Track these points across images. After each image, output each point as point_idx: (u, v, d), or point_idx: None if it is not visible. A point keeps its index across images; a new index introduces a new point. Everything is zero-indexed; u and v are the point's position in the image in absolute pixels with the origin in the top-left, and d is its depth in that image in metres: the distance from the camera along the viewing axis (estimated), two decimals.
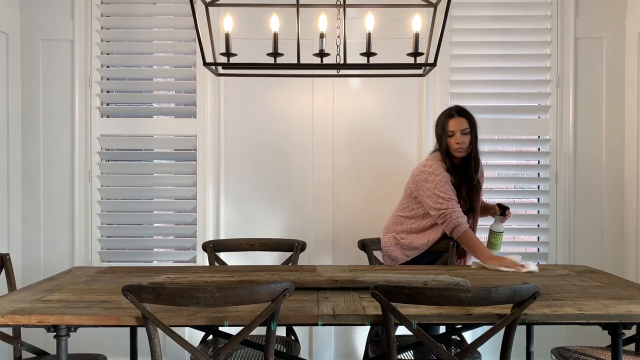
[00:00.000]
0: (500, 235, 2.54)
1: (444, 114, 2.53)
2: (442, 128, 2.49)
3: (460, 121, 2.46)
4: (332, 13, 2.01)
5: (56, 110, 3.07)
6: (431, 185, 2.44)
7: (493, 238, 2.55)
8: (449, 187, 2.44)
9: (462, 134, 2.45)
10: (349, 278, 1.95)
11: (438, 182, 2.43)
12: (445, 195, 2.41)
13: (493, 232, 2.55)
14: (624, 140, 3.07)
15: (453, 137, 2.46)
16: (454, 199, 2.43)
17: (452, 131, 2.46)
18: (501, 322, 1.56)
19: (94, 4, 3.05)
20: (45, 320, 1.60)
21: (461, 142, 2.44)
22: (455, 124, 2.46)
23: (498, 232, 2.54)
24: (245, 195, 3.10)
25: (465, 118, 2.47)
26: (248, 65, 2.04)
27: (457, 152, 2.47)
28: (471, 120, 2.49)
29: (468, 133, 2.46)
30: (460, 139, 2.44)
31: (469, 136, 2.46)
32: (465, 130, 2.45)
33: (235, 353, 2.12)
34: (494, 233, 2.55)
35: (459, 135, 2.45)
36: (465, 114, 2.49)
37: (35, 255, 3.07)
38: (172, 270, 2.38)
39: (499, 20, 3.08)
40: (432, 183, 2.44)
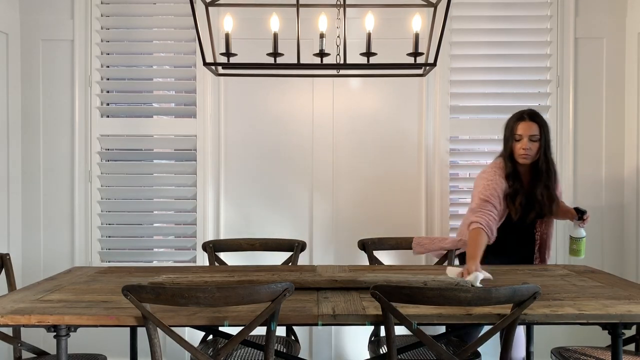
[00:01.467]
0: (582, 241, 2.39)
1: (515, 116, 2.39)
2: (510, 130, 2.36)
3: (530, 126, 2.31)
4: (332, 13, 2.01)
5: (56, 110, 3.07)
6: (480, 189, 2.34)
7: (574, 244, 2.41)
8: (495, 193, 2.30)
9: (530, 140, 2.31)
10: (349, 278, 1.95)
11: (486, 186, 2.33)
12: (487, 199, 2.29)
13: (573, 238, 2.41)
14: (624, 140, 3.07)
15: (520, 142, 2.33)
16: (493, 204, 2.28)
17: (520, 135, 2.33)
18: (501, 322, 1.56)
19: (94, 4, 3.05)
20: (45, 320, 1.60)
21: (527, 149, 2.30)
22: (524, 128, 2.32)
23: (579, 238, 2.39)
24: (245, 195, 3.10)
25: (536, 123, 2.32)
26: (248, 65, 2.04)
27: (522, 158, 2.33)
28: (543, 126, 2.34)
29: (537, 140, 2.31)
30: (527, 144, 2.30)
31: (538, 143, 2.32)
32: (535, 136, 2.31)
33: (235, 353, 2.12)
34: (574, 239, 2.41)
35: (526, 141, 2.31)
36: (538, 119, 2.34)
37: (35, 255, 3.07)
38: (172, 270, 2.38)
39: (499, 20, 3.08)
40: (481, 187, 2.34)
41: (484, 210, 2.27)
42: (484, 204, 2.29)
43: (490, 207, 2.28)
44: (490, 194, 2.30)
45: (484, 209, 2.27)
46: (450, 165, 3.09)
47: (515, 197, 2.34)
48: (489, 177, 2.36)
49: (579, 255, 2.41)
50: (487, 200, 2.29)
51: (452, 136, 3.10)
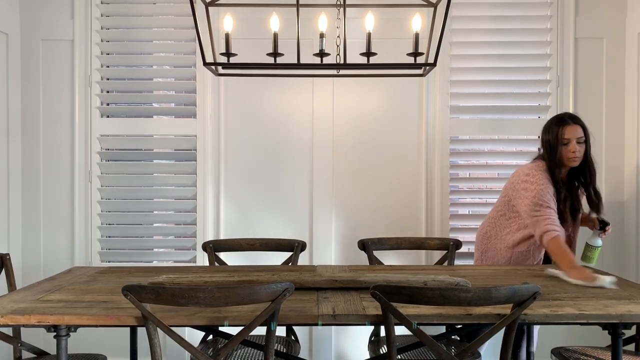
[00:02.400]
0: (598, 250, 2.42)
1: (557, 120, 2.39)
2: (556, 136, 2.35)
3: (576, 129, 2.34)
4: (332, 13, 2.01)
5: (56, 110, 3.07)
6: (531, 195, 2.30)
7: (589, 251, 2.42)
8: (550, 197, 2.30)
9: (578, 143, 2.33)
10: (349, 278, 1.95)
11: (539, 191, 2.29)
12: (545, 204, 2.28)
13: (590, 246, 2.42)
14: (624, 140, 3.07)
15: (568, 145, 2.33)
16: (553, 209, 2.28)
17: (568, 139, 2.33)
18: (501, 322, 1.56)
19: (94, 4, 3.05)
20: (45, 320, 1.60)
21: (577, 151, 2.33)
22: (571, 132, 2.33)
23: (595, 247, 2.41)
24: (245, 195, 3.10)
25: (580, 126, 2.36)
26: (248, 65, 2.04)
27: (572, 162, 2.35)
28: (585, 128, 2.38)
29: (584, 142, 2.35)
30: (576, 147, 2.33)
31: (585, 145, 2.36)
32: (581, 139, 2.34)
33: (235, 353, 2.12)
34: (591, 247, 2.42)
35: (574, 144, 2.33)
36: (580, 122, 2.38)
37: (35, 255, 3.07)
38: (172, 270, 2.38)
39: (499, 20, 3.08)
40: (532, 192, 2.30)
41: (550, 217, 2.26)
42: (546, 210, 2.27)
43: (551, 211, 2.28)
44: (548, 199, 2.29)
45: (549, 215, 2.27)
46: (450, 166, 3.09)
47: (567, 201, 2.35)
48: (539, 182, 2.31)
49: (591, 262, 2.41)
50: (549, 207, 2.28)
51: (452, 136, 3.10)
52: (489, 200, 3.17)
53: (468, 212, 3.17)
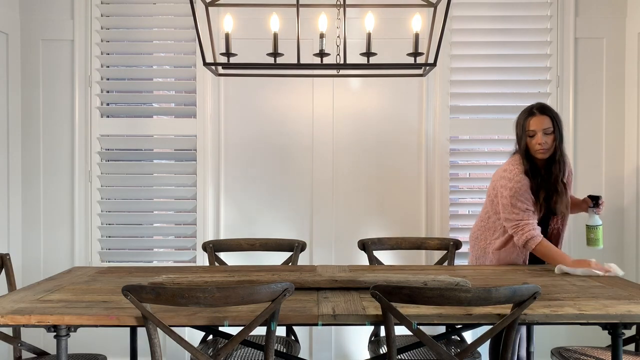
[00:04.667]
0: (599, 229, 2.31)
1: (524, 111, 2.34)
2: (522, 128, 2.31)
3: (542, 120, 2.27)
4: (332, 13, 2.01)
5: (56, 110, 3.07)
6: (508, 194, 2.27)
7: (592, 233, 2.32)
8: (528, 195, 2.27)
9: (545, 134, 2.27)
10: (349, 278, 1.95)
11: (517, 190, 2.26)
12: (522, 206, 2.25)
13: (590, 227, 2.32)
14: (624, 140, 3.07)
15: (534, 138, 2.28)
16: (531, 210, 2.27)
17: (533, 131, 2.27)
18: (501, 322, 1.56)
19: (94, 4, 3.05)
20: (45, 320, 1.60)
21: (543, 143, 2.26)
22: (536, 123, 2.27)
23: (595, 226, 2.31)
24: (245, 195, 3.10)
25: (548, 116, 2.28)
26: (248, 65, 2.04)
27: (539, 154, 2.28)
28: (555, 117, 2.30)
29: (551, 133, 2.28)
30: (543, 139, 2.26)
31: (552, 136, 2.28)
32: (548, 129, 2.27)
33: (235, 353, 2.12)
34: (591, 227, 2.32)
35: (540, 135, 2.26)
36: (549, 112, 2.30)
37: (35, 255, 3.07)
38: (172, 270, 2.38)
39: (499, 20, 3.08)
40: (509, 191, 2.27)
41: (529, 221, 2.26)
42: (527, 213, 2.26)
43: (530, 214, 2.27)
44: (525, 197, 2.27)
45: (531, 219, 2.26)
46: (450, 165, 3.09)
47: (539, 192, 2.30)
48: (515, 178, 2.28)
49: (598, 244, 2.31)
50: (527, 209, 2.27)
51: (452, 136, 3.10)
52: None
53: (468, 212, 3.16)
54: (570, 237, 3.00)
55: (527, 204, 2.26)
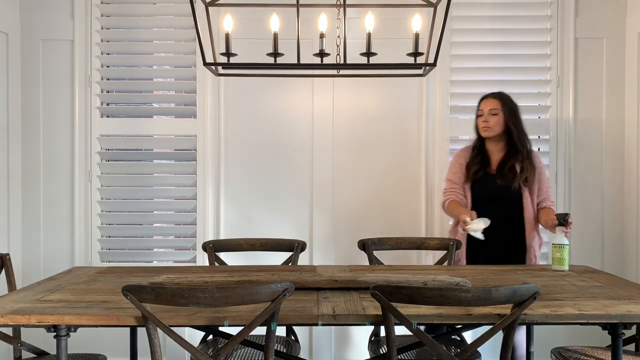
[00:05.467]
0: (566, 249, 2.26)
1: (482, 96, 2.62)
2: (476, 109, 2.60)
3: (491, 101, 2.53)
4: (332, 13, 2.01)
5: (56, 110, 3.07)
6: (448, 169, 2.67)
7: (558, 252, 2.28)
8: (455, 169, 2.60)
9: (490, 114, 2.51)
10: (349, 278, 1.95)
11: (450, 167, 2.66)
12: (450, 177, 2.63)
13: (557, 246, 2.28)
14: (624, 140, 3.07)
15: (481, 117, 2.55)
16: (453, 181, 2.59)
17: (481, 110, 2.55)
18: (501, 322, 1.56)
19: (94, 4, 3.05)
20: (45, 320, 1.60)
21: (488, 122, 2.51)
22: (485, 104, 2.55)
23: (562, 245, 2.26)
24: (245, 195, 3.10)
25: (497, 99, 2.53)
26: (248, 65, 2.04)
27: (483, 131, 2.55)
28: (504, 102, 2.52)
29: (496, 114, 2.50)
30: (487, 118, 2.51)
31: (497, 117, 2.50)
32: (494, 110, 2.51)
33: (235, 353, 2.12)
34: (557, 246, 2.28)
35: (486, 115, 2.52)
36: (498, 96, 2.54)
37: (35, 255, 3.07)
38: (172, 270, 2.38)
39: (499, 20, 3.08)
40: (449, 167, 2.68)
41: (448, 190, 2.61)
42: (448, 182, 2.64)
43: (451, 184, 2.61)
44: (452, 172, 2.63)
45: (450, 188, 2.61)
46: None
47: (471, 166, 2.57)
48: (453, 157, 2.69)
49: (564, 265, 2.27)
50: (449, 179, 2.64)
51: (452, 136, 3.10)
52: None
53: None
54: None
55: (454, 177, 2.61)
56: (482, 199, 2.52)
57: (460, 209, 2.44)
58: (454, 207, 2.50)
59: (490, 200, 2.51)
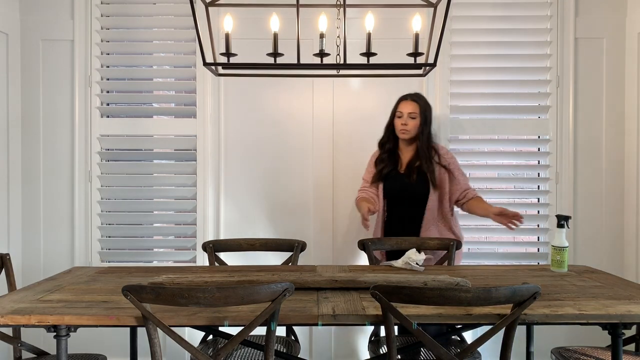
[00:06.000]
0: (566, 251, 2.25)
1: (400, 96, 2.66)
2: (394, 109, 2.65)
3: (410, 104, 2.59)
4: (332, 13, 2.01)
5: (56, 110, 3.07)
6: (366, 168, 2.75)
7: (558, 255, 2.26)
8: (370, 169, 2.70)
9: (410, 117, 2.57)
10: (349, 278, 1.95)
11: (368, 165, 2.75)
12: (365, 177, 2.73)
13: (556, 249, 2.27)
14: (624, 140, 3.07)
15: (400, 118, 2.60)
16: (367, 180, 2.68)
17: (401, 112, 2.60)
18: (501, 322, 1.57)
19: (94, 4, 3.05)
20: (45, 320, 1.60)
21: (407, 124, 2.57)
22: (404, 106, 2.60)
23: (562, 247, 2.25)
24: (245, 195, 3.10)
25: (416, 103, 2.59)
26: (248, 65, 2.04)
27: (401, 133, 2.60)
28: (423, 107, 2.59)
29: (415, 118, 2.57)
30: (406, 120, 2.57)
31: (415, 121, 2.57)
32: (413, 114, 2.57)
33: (235, 353, 2.12)
34: (557, 249, 2.26)
35: (405, 117, 2.58)
36: (419, 100, 2.60)
37: (35, 255, 3.07)
38: (172, 270, 2.38)
39: (499, 20, 3.08)
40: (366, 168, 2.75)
41: (362, 189, 2.70)
42: (363, 182, 2.72)
43: (365, 183, 2.70)
44: (367, 172, 2.73)
45: (363, 187, 2.70)
46: None
47: (380, 164, 2.66)
48: (371, 158, 2.76)
49: (563, 267, 2.26)
50: (364, 179, 2.73)
51: (452, 136, 3.10)
52: (489, 200, 3.16)
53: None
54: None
55: (367, 176, 2.70)
56: (391, 198, 2.64)
57: (362, 204, 2.52)
58: (359, 202, 2.59)
59: (398, 198, 2.63)
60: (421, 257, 2.25)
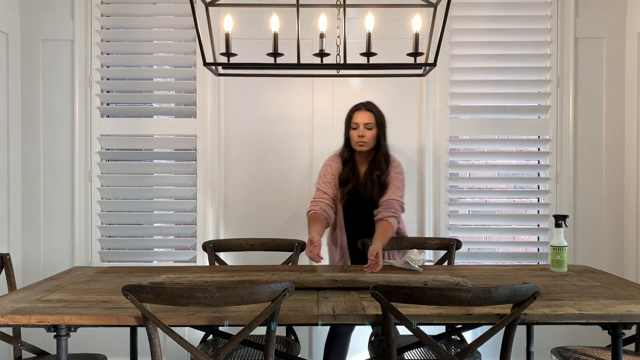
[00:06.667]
0: (565, 250, 2.25)
1: (353, 106, 2.54)
2: (348, 119, 2.52)
3: (365, 114, 2.48)
4: (332, 13, 2.01)
5: (56, 110, 3.07)
6: (318, 177, 2.57)
7: (557, 255, 2.26)
8: (327, 179, 2.52)
9: (366, 128, 2.46)
10: (349, 278, 1.95)
11: (320, 173, 2.57)
12: (318, 187, 2.54)
13: (556, 248, 2.26)
14: (624, 141, 3.07)
15: (356, 130, 2.48)
16: (323, 191, 2.51)
17: (356, 123, 2.48)
18: (501, 322, 1.56)
19: (94, 4, 3.05)
20: (45, 320, 1.60)
21: (362, 136, 2.45)
22: (360, 117, 2.48)
23: (561, 247, 2.25)
24: (245, 195, 3.10)
25: (372, 113, 2.48)
26: (248, 65, 2.04)
27: (358, 146, 2.48)
28: (378, 116, 2.49)
29: (371, 128, 2.46)
30: (363, 132, 2.45)
31: (372, 132, 2.46)
32: (369, 125, 2.46)
33: (235, 353, 2.12)
34: (557, 249, 2.26)
35: (362, 129, 2.46)
36: (373, 109, 2.50)
37: (35, 255, 3.07)
38: (172, 270, 2.38)
39: (499, 20, 3.08)
40: (319, 175, 2.57)
41: (317, 199, 2.52)
42: (318, 192, 2.54)
43: (321, 194, 2.51)
44: (323, 182, 2.54)
45: (318, 197, 2.52)
46: (450, 165, 3.09)
47: (347, 183, 2.51)
48: (324, 165, 2.59)
49: (563, 267, 2.26)
50: (319, 189, 2.54)
51: (452, 136, 3.10)
52: (489, 200, 3.17)
53: (468, 212, 3.17)
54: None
55: (324, 186, 2.52)
56: (351, 210, 2.53)
57: (311, 228, 2.35)
58: (311, 222, 2.41)
59: (357, 210, 2.52)
60: (422, 257, 2.25)
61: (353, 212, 2.54)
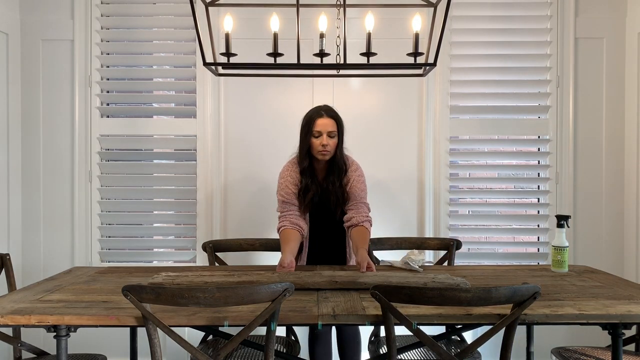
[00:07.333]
0: (566, 251, 2.25)
1: (312, 112, 2.37)
2: (309, 126, 2.33)
3: (328, 122, 2.31)
4: (332, 13, 2.01)
5: (56, 110, 3.07)
6: (278, 188, 2.40)
7: (559, 255, 2.26)
8: (290, 191, 2.36)
9: (329, 137, 2.31)
10: (349, 278, 1.95)
11: (281, 184, 2.39)
12: (284, 199, 2.37)
13: (557, 249, 2.27)
14: (624, 141, 3.07)
15: (319, 138, 2.31)
16: (290, 202, 2.36)
17: (319, 132, 2.30)
18: (501, 322, 1.56)
19: (94, 4, 3.05)
20: (45, 320, 1.60)
21: (326, 145, 2.30)
22: (322, 125, 2.30)
23: (563, 247, 2.25)
24: (245, 195, 3.10)
25: (334, 120, 2.33)
26: (248, 65, 2.04)
27: (321, 155, 2.32)
28: (340, 123, 2.35)
29: (334, 137, 2.32)
30: (326, 140, 2.30)
31: (334, 140, 2.32)
32: (332, 133, 2.31)
33: (235, 353, 2.12)
34: (558, 249, 2.26)
35: (325, 137, 2.30)
36: (335, 116, 2.35)
37: (35, 255, 3.07)
38: (172, 270, 2.38)
39: (499, 20, 3.08)
40: (279, 187, 2.40)
41: (284, 213, 2.37)
42: (284, 205, 2.37)
43: (289, 206, 2.37)
44: (286, 193, 2.37)
45: (285, 210, 2.37)
46: (450, 165, 3.09)
47: (307, 193, 2.36)
48: (283, 175, 2.41)
49: (563, 267, 2.27)
50: (285, 201, 2.37)
51: (452, 136, 3.10)
52: (489, 200, 3.17)
53: (468, 212, 3.17)
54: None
55: (288, 197, 2.36)
56: (314, 218, 2.44)
57: (285, 248, 2.22)
58: (284, 242, 2.27)
59: (321, 218, 2.43)
60: (421, 257, 2.25)
61: (317, 221, 2.44)
